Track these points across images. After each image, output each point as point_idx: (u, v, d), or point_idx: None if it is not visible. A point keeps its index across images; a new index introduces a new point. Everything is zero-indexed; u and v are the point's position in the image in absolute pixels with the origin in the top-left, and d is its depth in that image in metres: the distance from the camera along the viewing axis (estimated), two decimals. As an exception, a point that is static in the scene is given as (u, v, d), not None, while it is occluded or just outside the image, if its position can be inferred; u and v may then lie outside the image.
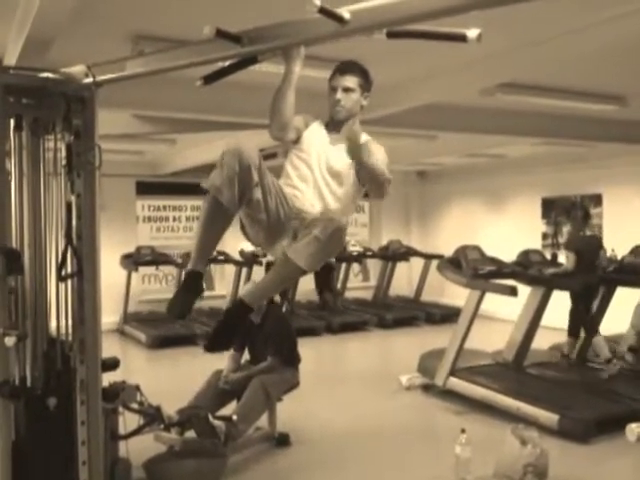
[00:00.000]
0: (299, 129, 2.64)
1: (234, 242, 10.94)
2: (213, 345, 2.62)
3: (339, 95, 2.61)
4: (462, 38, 2.12)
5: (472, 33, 2.10)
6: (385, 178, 2.43)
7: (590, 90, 5.97)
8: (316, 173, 2.60)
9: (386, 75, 5.19)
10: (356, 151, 2.32)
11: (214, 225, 2.45)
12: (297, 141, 2.65)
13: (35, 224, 2.87)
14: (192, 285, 2.46)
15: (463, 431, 4.32)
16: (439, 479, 4.38)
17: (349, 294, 11.63)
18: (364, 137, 2.52)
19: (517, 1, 1.85)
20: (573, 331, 7.05)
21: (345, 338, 9.80)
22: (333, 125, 2.68)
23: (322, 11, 1.91)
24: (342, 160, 2.51)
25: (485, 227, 11.50)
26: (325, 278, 10.41)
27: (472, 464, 4.29)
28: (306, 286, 10.98)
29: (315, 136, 2.66)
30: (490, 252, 6.80)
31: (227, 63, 2.47)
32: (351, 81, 2.62)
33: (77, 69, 2.58)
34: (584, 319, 6.88)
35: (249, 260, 10.25)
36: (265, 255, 10.19)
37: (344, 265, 11.09)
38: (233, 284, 10.67)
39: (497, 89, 5.39)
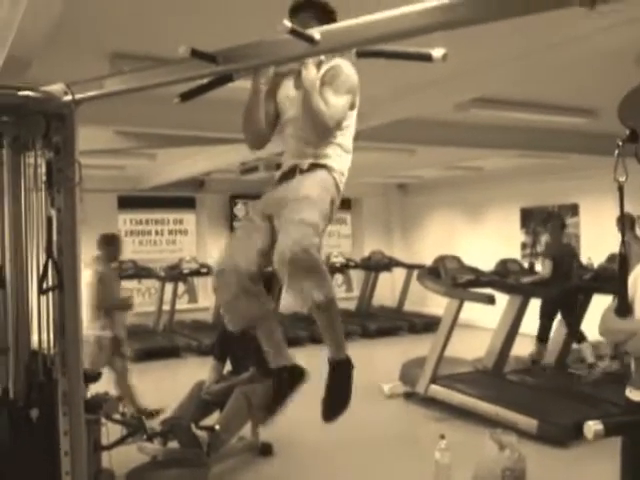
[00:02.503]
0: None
1: (217, 255, 11.01)
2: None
3: None
4: (428, 58, 2.20)
5: (437, 53, 2.19)
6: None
7: (562, 104, 6.11)
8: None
9: (362, 91, 5.29)
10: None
11: (275, 328, 2.48)
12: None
13: (16, 238, 2.91)
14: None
15: (442, 437, 4.39)
16: (419, 485, 4.44)
17: (332, 305, 11.67)
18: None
19: (478, 23, 1.94)
20: (541, 337, 7.19)
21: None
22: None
23: (293, 32, 1.99)
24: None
25: (466, 238, 11.63)
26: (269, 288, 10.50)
27: (452, 469, 4.35)
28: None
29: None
30: (471, 262, 6.90)
31: (205, 81, 2.54)
32: None
33: (56, 87, 2.63)
34: (549, 325, 7.06)
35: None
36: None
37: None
38: (216, 297, 10.68)
39: (470, 104, 5.51)
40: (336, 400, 2.45)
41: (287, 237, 2.23)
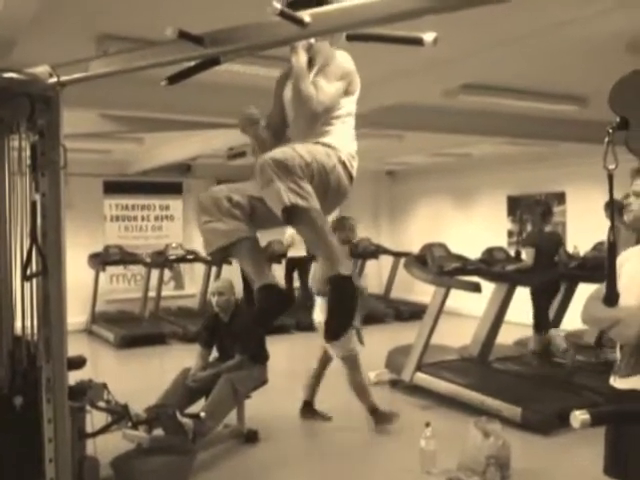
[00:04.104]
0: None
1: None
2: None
3: None
4: (419, 42, 2.18)
5: (428, 37, 2.17)
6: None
7: (551, 91, 6.11)
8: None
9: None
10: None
11: (256, 250, 2.30)
12: None
13: (0, 223, 2.87)
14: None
15: (428, 425, 4.41)
16: (405, 472, 4.46)
17: (319, 292, 11.67)
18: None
19: (470, 6, 1.92)
20: (538, 327, 7.21)
21: (315, 335, 9.79)
22: None
23: (282, 14, 1.95)
24: None
25: (453, 225, 11.66)
26: (300, 273, 10.47)
27: (437, 457, 4.38)
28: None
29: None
30: (457, 250, 6.90)
31: (192, 63, 2.50)
32: None
33: (41, 69, 2.59)
34: (544, 314, 7.07)
35: (218, 259, 10.26)
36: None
37: (314, 263, 11.14)
38: (203, 283, 10.67)
39: (459, 90, 5.49)
40: (335, 319, 2.27)
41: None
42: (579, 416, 1.78)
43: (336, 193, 2.34)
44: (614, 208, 2.21)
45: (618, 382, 2.55)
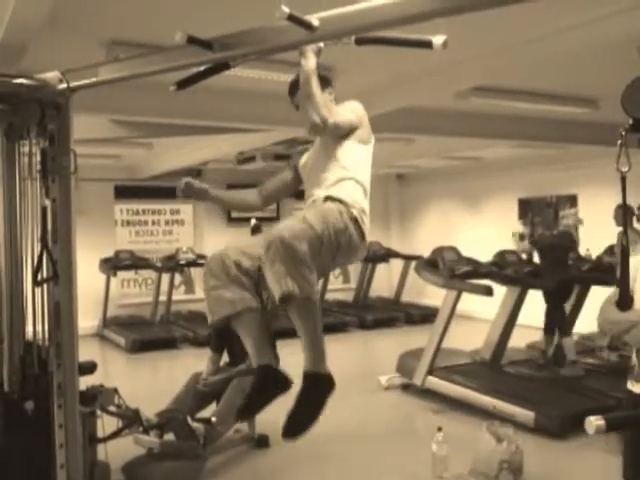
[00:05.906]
0: None
1: (214, 246, 10.99)
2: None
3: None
4: (428, 45, 2.17)
5: (438, 40, 2.15)
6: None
7: (562, 93, 6.08)
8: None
9: (361, 80, 5.26)
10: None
11: (259, 324, 2.30)
12: None
13: (11, 228, 2.88)
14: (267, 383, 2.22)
15: (440, 429, 4.39)
16: (417, 477, 4.43)
17: (330, 296, 11.68)
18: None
19: (480, 9, 1.90)
20: (548, 329, 7.15)
21: (325, 339, 9.78)
22: None
23: (291, 18, 1.95)
24: None
25: (463, 228, 11.61)
26: None
27: (449, 461, 4.35)
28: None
29: None
30: (468, 253, 6.88)
31: (201, 68, 2.50)
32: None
33: (51, 75, 2.60)
34: (556, 317, 7.00)
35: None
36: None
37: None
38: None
39: (471, 93, 5.47)
40: (300, 417, 2.22)
41: (279, 224, 2.20)
42: (594, 422, 1.76)
43: (346, 252, 2.38)
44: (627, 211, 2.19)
45: (636, 386, 2.52)
